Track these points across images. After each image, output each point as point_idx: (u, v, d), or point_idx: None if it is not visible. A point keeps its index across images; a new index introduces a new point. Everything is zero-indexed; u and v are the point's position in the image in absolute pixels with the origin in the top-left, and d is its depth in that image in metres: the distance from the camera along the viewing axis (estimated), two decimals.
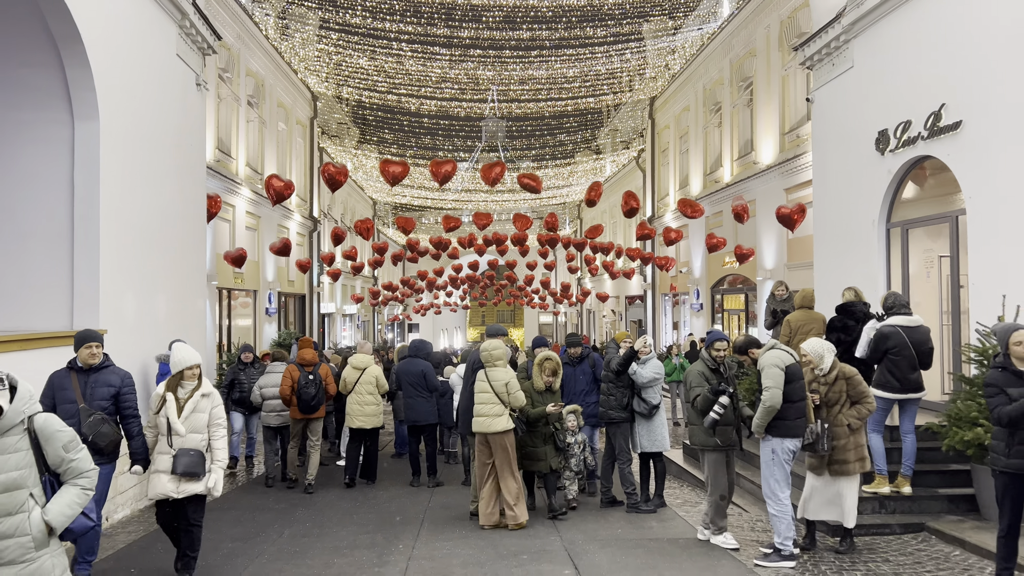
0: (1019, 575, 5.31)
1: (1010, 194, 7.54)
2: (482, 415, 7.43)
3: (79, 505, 3.67)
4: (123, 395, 5.95)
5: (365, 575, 6.12)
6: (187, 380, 5.83)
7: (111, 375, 5.95)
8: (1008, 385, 5.16)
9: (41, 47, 7.36)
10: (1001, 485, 5.25)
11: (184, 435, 5.69)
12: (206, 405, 5.84)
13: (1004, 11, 7.60)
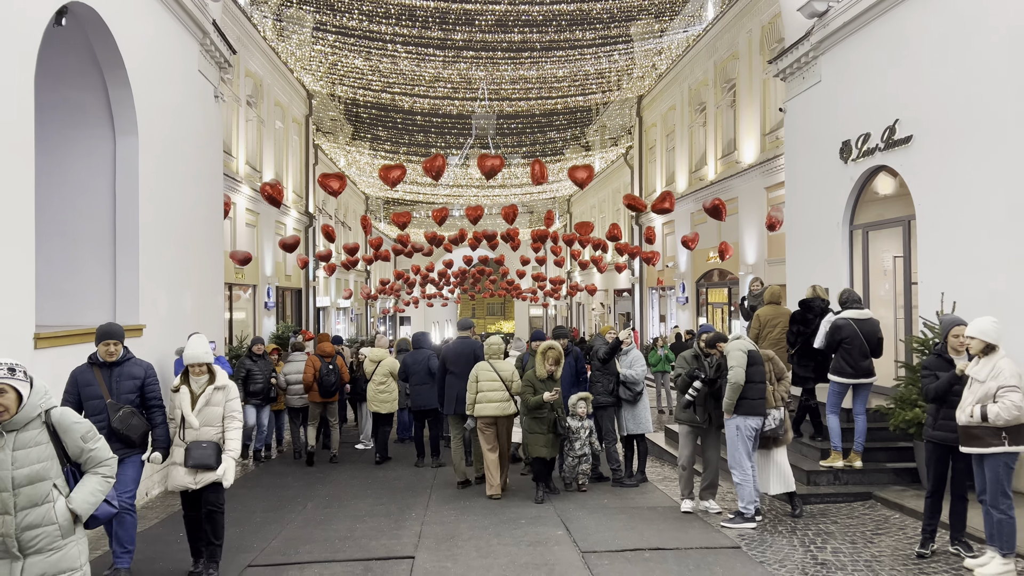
0: (941, 531, 6.38)
1: (951, 202, 8.63)
2: (493, 401, 8.52)
3: (102, 492, 3.87)
4: (148, 386, 6.03)
5: (386, 536, 7.15)
6: (195, 376, 5.92)
7: (135, 367, 6.03)
8: (940, 369, 6.22)
9: (88, 71, 8.30)
10: (928, 452, 6.33)
11: (198, 428, 5.81)
12: (220, 398, 5.91)
13: (947, 40, 8.65)
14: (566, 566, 6.14)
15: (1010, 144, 7.76)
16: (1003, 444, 5.54)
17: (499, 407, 8.59)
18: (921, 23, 9.12)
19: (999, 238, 7.95)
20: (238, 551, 6.79)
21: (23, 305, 6.54)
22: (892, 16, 9.63)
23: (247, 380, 10.91)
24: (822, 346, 8.49)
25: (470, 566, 6.24)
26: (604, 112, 30.47)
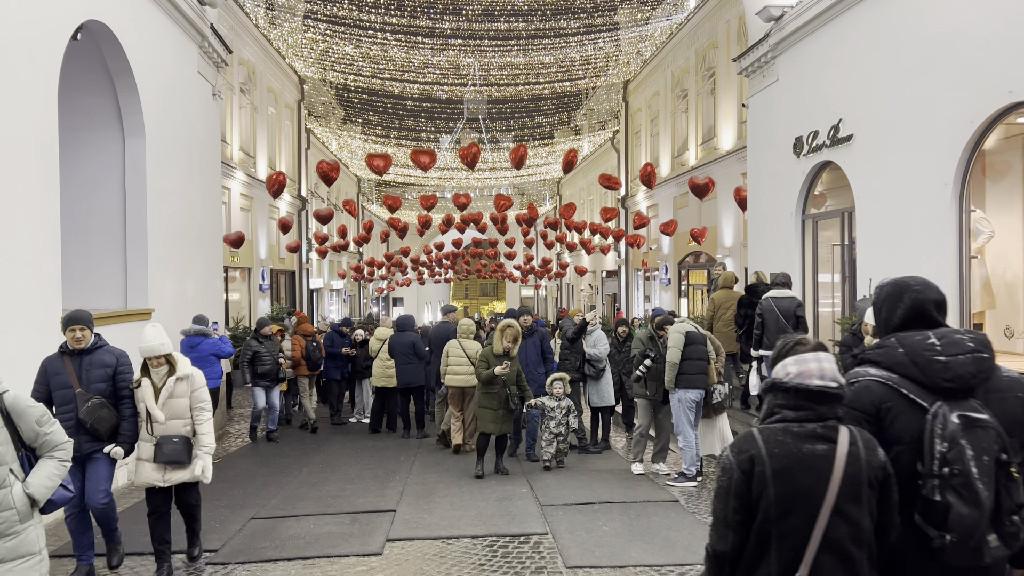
0: None
1: (884, 197, 9.66)
2: (459, 374, 9.64)
3: (58, 477, 3.87)
4: (119, 375, 5.79)
5: (372, 495, 8.24)
6: (154, 368, 5.73)
7: (106, 355, 5.79)
8: (853, 346, 7.27)
9: (100, 79, 9.26)
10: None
11: (164, 422, 5.66)
12: (184, 389, 5.73)
13: (880, 46, 9.64)
14: (525, 516, 7.23)
15: (930, 143, 8.78)
16: None
17: (464, 379, 9.82)
18: (860, 29, 10.10)
19: (922, 230, 8.99)
20: (242, 507, 7.87)
21: (51, 292, 7.55)
22: (837, 22, 10.60)
23: (254, 361, 11.29)
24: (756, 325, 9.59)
25: (443, 516, 7.33)
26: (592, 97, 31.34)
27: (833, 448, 2.53)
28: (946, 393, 2.62)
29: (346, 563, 6.20)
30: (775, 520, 2.53)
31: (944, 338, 2.68)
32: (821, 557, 2.48)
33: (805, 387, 2.58)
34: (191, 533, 6.26)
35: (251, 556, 6.40)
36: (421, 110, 29.99)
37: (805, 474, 2.52)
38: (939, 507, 2.51)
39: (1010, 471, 2.55)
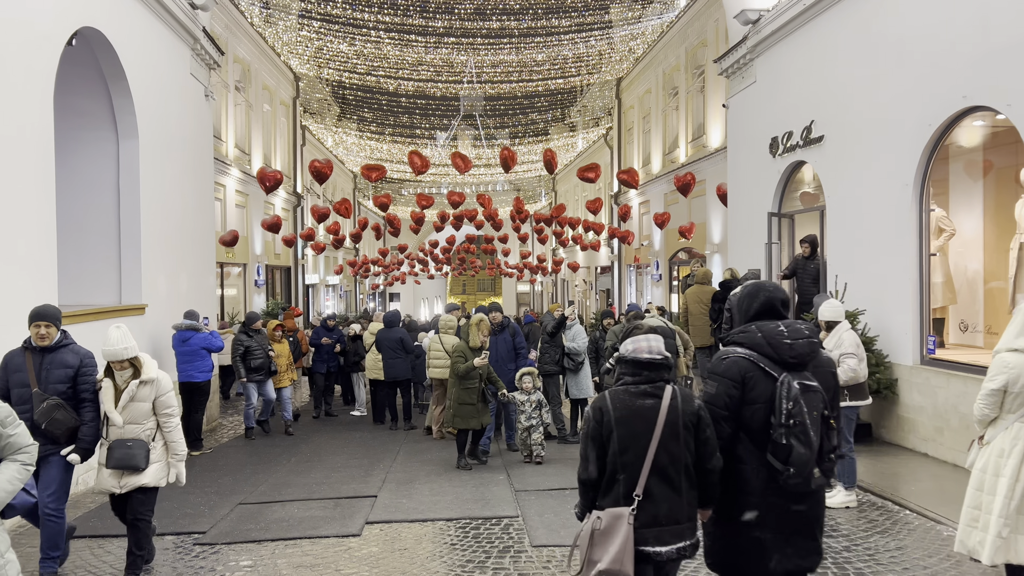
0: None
1: (851, 195, 10.06)
2: (438, 367, 10.11)
3: (20, 481, 3.73)
4: (81, 376, 5.58)
5: (356, 482, 8.65)
6: (118, 371, 5.54)
7: (68, 355, 5.58)
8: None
9: (94, 82, 9.64)
10: None
11: (122, 426, 5.45)
12: (147, 393, 5.51)
13: (848, 51, 10.02)
14: (499, 500, 7.65)
15: (892, 145, 9.16)
16: (845, 399, 7.02)
17: (442, 372, 10.34)
18: (830, 35, 10.49)
19: (885, 228, 9.38)
20: (231, 494, 8.28)
21: (47, 287, 7.93)
22: (809, 27, 10.99)
23: (246, 356, 11.33)
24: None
25: (421, 501, 7.75)
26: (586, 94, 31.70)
27: (658, 402, 3.60)
28: (790, 366, 3.59)
29: (327, 543, 6.61)
30: (619, 454, 3.60)
31: (789, 327, 3.66)
32: (651, 479, 3.56)
33: (638, 359, 3.67)
34: (132, 558, 5.66)
35: (237, 537, 6.81)
36: (416, 107, 30.37)
37: (638, 421, 3.60)
38: (785, 448, 3.47)
39: (829, 422, 3.61)
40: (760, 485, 3.59)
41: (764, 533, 3.60)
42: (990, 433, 4.63)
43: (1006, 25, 7.41)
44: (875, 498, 7.45)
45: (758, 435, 3.57)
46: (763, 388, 3.56)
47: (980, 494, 4.59)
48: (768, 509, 3.60)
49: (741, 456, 3.64)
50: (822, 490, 3.70)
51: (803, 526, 3.64)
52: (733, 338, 3.76)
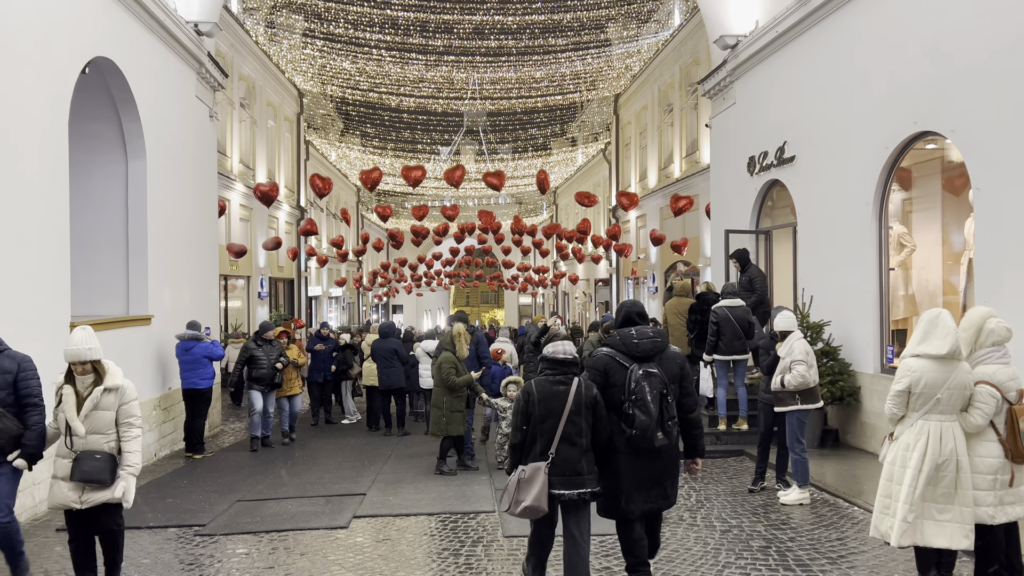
0: (770, 472, 8.47)
1: (819, 213, 10.69)
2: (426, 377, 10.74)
3: None
4: (21, 380, 5.41)
5: (347, 482, 9.29)
6: (78, 375, 5.32)
7: (5, 360, 5.43)
8: (770, 348, 8.27)
9: (105, 107, 10.37)
10: (759, 411, 8.41)
11: (84, 436, 5.22)
12: (110, 402, 5.32)
13: (819, 79, 10.67)
14: (478, 498, 8.28)
15: (853, 165, 9.79)
16: (797, 403, 7.62)
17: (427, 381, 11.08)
18: (799, 61, 11.15)
19: (848, 244, 10.00)
20: (229, 492, 8.92)
21: (61, 298, 8.62)
22: (782, 53, 11.65)
23: (250, 364, 11.44)
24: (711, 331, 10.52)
25: (407, 499, 8.38)
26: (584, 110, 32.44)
27: (568, 388, 5.08)
28: (638, 359, 5.07)
29: (316, 534, 7.24)
30: (539, 424, 5.06)
31: (639, 331, 5.16)
32: (561, 444, 5.01)
33: (555, 357, 5.22)
34: (111, 565, 5.57)
35: (234, 529, 7.44)
36: (417, 122, 31.15)
37: (554, 400, 5.06)
38: (630, 417, 4.93)
39: (667, 399, 4.99)
40: (623, 446, 5.06)
41: (626, 483, 5.06)
42: (898, 430, 5.23)
43: (950, 56, 8.05)
44: (828, 496, 8.04)
45: (618, 410, 5.05)
46: (619, 375, 5.07)
47: (890, 484, 5.19)
48: (627, 463, 5.06)
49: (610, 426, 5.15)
50: (670, 449, 5.10)
51: (656, 478, 5.10)
52: (605, 342, 5.44)
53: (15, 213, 7.63)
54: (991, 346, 5.24)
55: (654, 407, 4.89)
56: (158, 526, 7.59)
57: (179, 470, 10.36)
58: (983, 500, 5.06)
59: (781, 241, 12.64)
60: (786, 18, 11.14)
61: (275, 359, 11.61)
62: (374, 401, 13.46)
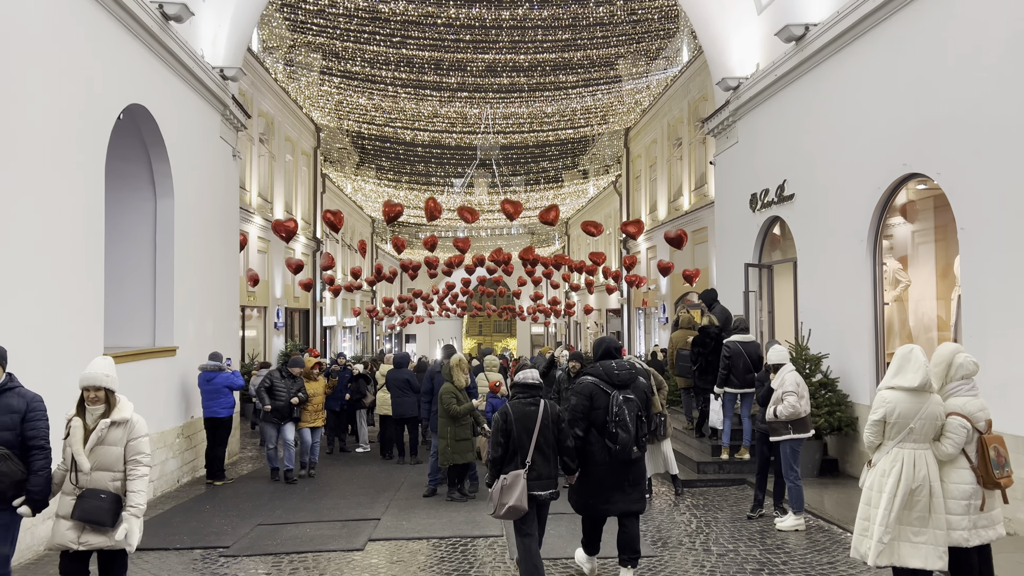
0: (768, 500, 8.85)
1: (817, 249, 11.15)
2: None
3: None
4: (29, 421, 5.11)
5: (362, 507, 9.74)
6: (89, 404, 5.09)
7: (14, 398, 5.13)
8: (764, 380, 8.69)
9: (136, 149, 11.01)
10: (757, 441, 8.82)
11: (88, 472, 4.98)
12: (118, 436, 5.06)
13: (816, 120, 11.19)
14: (487, 523, 8.69)
15: (849, 204, 10.27)
16: (789, 433, 8.04)
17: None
18: (799, 103, 11.68)
19: (842, 279, 10.45)
20: (250, 516, 9.39)
21: (95, 330, 9.19)
22: (781, 95, 12.19)
23: (269, 392, 11.49)
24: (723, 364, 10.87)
25: (419, 523, 8.82)
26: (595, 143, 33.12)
27: (538, 408, 6.21)
28: (618, 387, 6.27)
29: (333, 556, 7.69)
30: (516, 439, 6.13)
31: (619, 363, 6.41)
32: (535, 454, 6.10)
33: (524, 382, 6.34)
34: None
35: (256, 551, 7.90)
36: (431, 156, 31.93)
37: (527, 419, 6.17)
38: (614, 434, 6.08)
39: (641, 419, 6.26)
40: (603, 457, 6.24)
41: (605, 486, 6.23)
42: (875, 457, 5.65)
43: (935, 102, 8.55)
44: (823, 523, 8.41)
45: (600, 427, 6.23)
46: (602, 400, 6.26)
47: (868, 507, 5.59)
48: (607, 472, 6.23)
49: (591, 440, 6.29)
50: (642, 459, 6.44)
51: (630, 483, 6.30)
52: (587, 371, 6.58)
53: (56, 249, 8.21)
54: (960, 379, 5.65)
55: (632, 427, 6.15)
56: (184, 548, 8.06)
57: (201, 495, 10.84)
58: (958, 524, 5.45)
59: (784, 275, 13.07)
60: (784, 63, 11.69)
61: (294, 393, 11.58)
62: (387, 430, 13.92)
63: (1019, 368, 7.43)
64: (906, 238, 10.82)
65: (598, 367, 6.37)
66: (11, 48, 7.37)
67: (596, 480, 6.23)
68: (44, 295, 7.99)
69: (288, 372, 11.81)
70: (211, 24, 12.76)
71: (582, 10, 20.18)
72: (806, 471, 10.08)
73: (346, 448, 14.93)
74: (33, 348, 7.60)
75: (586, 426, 6.25)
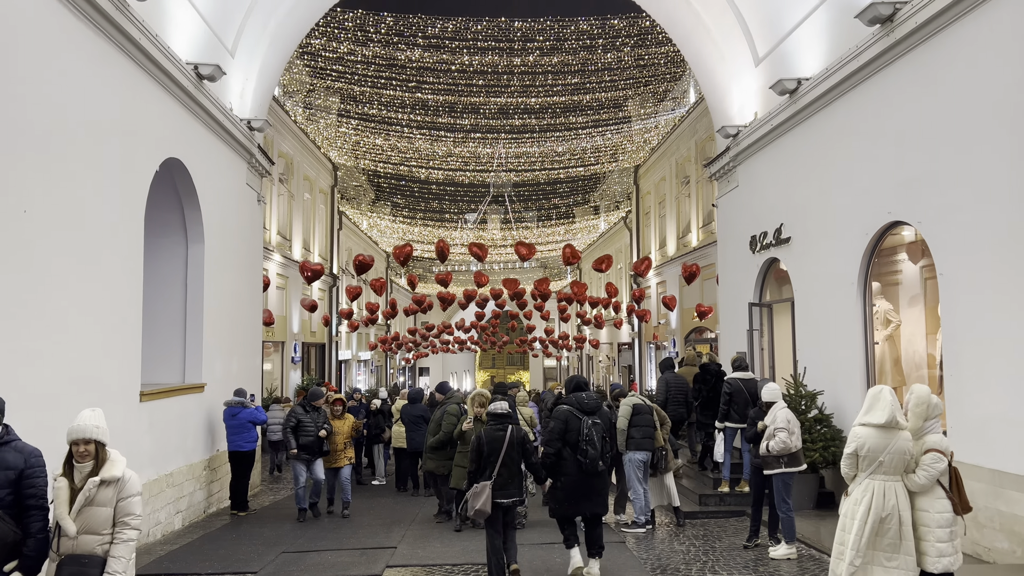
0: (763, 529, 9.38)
1: (812, 290, 11.77)
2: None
3: None
4: (27, 479, 4.77)
5: (379, 536, 10.35)
6: (78, 460, 4.71)
7: (10, 453, 4.79)
8: (758, 417, 9.26)
9: (170, 197, 11.83)
10: (752, 474, 9.37)
11: (74, 536, 4.59)
12: (107, 496, 4.67)
13: (809, 168, 11.88)
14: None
15: (841, 248, 10.91)
16: (781, 467, 8.61)
17: None
18: (793, 151, 12.38)
19: (835, 320, 11.05)
20: (274, 544, 10.01)
21: (133, 369, 9.91)
22: (778, 143, 12.90)
23: (296, 430, 11.43)
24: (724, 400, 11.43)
25: (434, 551, 9.41)
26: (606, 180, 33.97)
27: (505, 433, 7.62)
28: (587, 412, 7.89)
29: None
30: (487, 458, 7.56)
31: (588, 394, 8.15)
32: (500, 469, 7.51)
33: (495, 412, 7.82)
34: None
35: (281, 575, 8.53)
36: (445, 193, 32.90)
37: (496, 442, 7.59)
38: (584, 451, 7.67)
39: (605, 440, 7.92)
40: (574, 469, 7.73)
41: (575, 494, 7.76)
42: (851, 487, 6.23)
43: (915, 159, 9.22)
44: (815, 552, 8.93)
45: (573, 446, 7.73)
46: (574, 424, 7.81)
47: (843, 533, 6.17)
48: (577, 482, 7.73)
49: (565, 457, 7.77)
50: (605, 472, 7.98)
51: (595, 491, 7.82)
52: (562, 400, 8.47)
53: (98, 293, 8.97)
54: (934, 418, 6.26)
55: (599, 445, 7.74)
56: (215, 573, 8.69)
57: (227, 525, 11.47)
58: (946, 551, 5.98)
59: (783, 314, 13.67)
60: (779, 113, 12.42)
61: (320, 425, 11.58)
62: (403, 462, 14.52)
63: (994, 407, 7.99)
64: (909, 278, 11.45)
65: (571, 398, 8.08)
66: (69, 115, 8.19)
67: (568, 489, 7.77)
68: (88, 336, 8.72)
69: (312, 405, 11.80)
70: (239, 78, 13.66)
71: (590, 56, 21.08)
72: (804, 503, 10.61)
73: (362, 481, 15.54)
74: (74, 388, 8.32)
75: (560, 445, 7.77)
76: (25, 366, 7.38)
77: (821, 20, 11.33)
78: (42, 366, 7.70)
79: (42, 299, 7.72)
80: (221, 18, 12.44)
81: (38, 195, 7.64)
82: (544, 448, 8.15)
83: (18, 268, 7.31)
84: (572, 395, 8.12)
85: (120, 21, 8.95)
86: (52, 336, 7.92)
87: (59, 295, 8.07)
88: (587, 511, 7.88)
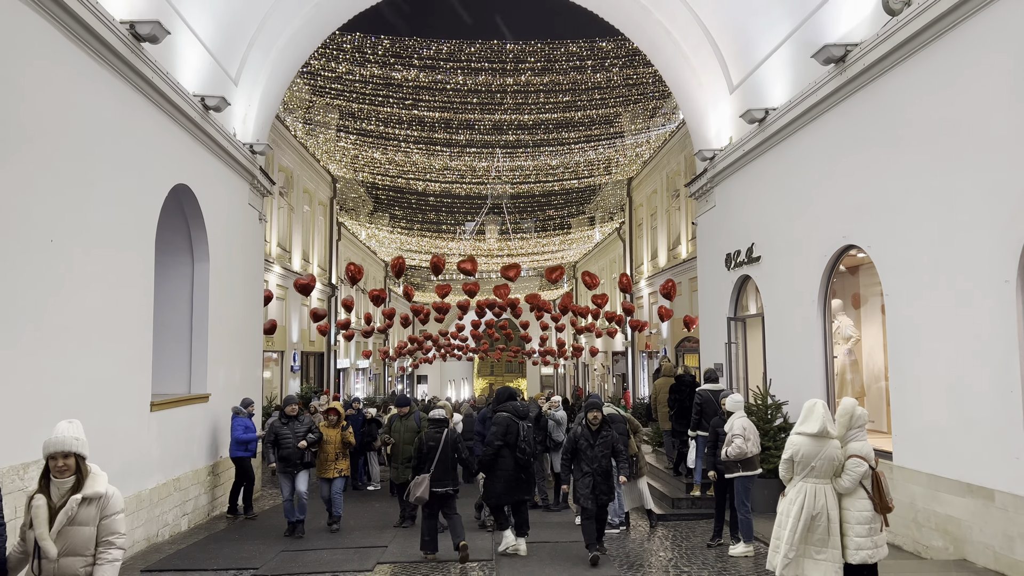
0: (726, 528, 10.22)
1: (780, 306, 12.64)
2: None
3: None
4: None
5: (372, 537, 11.21)
6: (56, 475, 4.46)
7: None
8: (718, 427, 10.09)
9: (177, 218, 12.71)
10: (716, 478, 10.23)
11: (55, 559, 4.35)
12: (90, 515, 4.46)
13: (776, 192, 12.76)
14: (481, 550, 10.13)
15: (803, 268, 11.78)
16: (739, 471, 9.46)
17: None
18: (763, 175, 13.27)
19: (799, 335, 11.91)
20: (275, 544, 10.87)
21: (144, 380, 10.78)
22: (749, 168, 13.79)
23: (276, 445, 11.16)
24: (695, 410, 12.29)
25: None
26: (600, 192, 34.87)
27: (442, 434, 9.80)
28: (522, 418, 10.01)
29: (346, 575, 9.15)
30: (426, 455, 9.73)
31: (521, 403, 10.36)
32: (437, 464, 9.63)
33: (433, 417, 10.01)
34: None
35: (282, 571, 9.39)
36: (442, 204, 33.81)
37: (433, 441, 9.76)
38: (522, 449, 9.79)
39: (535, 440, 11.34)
40: (509, 464, 9.63)
41: (508, 485, 9.64)
42: (787, 489, 7.09)
43: (865, 188, 10.10)
44: None
45: (512, 445, 9.59)
46: (512, 428, 9.66)
47: (779, 529, 7.02)
48: (508, 475, 9.62)
49: (503, 455, 9.60)
50: (531, 465, 10.00)
51: (523, 481, 9.73)
52: (501, 408, 9.99)
53: (115, 311, 9.85)
54: (858, 428, 7.11)
55: (530, 445, 9.78)
56: (220, 568, 9.55)
57: (230, 527, 12.33)
58: (864, 545, 6.85)
59: (755, 328, 14.54)
60: (750, 139, 13.31)
61: (301, 436, 11.14)
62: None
63: (930, 416, 8.85)
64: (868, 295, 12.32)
65: (507, 405, 10.01)
66: (87, 148, 9.08)
67: (502, 480, 9.65)
68: (105, 351, 9.60)
69: (286, 415, 11.38)
70: (242, 105, 14.57)
71: (580, 76, 22.00)
72: (768, 506, 11.42)
73: (357, 486, 16.36)
74: (92, 399, 9.20)
75: (500, 444, 9.63)
76: (52, 380, 8.25)
77: (786, 55, 12.23)
78: (67, 380, 8.57)
79: (69, 319, 8.61)
80: (225, 50, 13.35)
81: (66, 226, 8.54)
82: (484, 448, 10.00)
83: (48, 292, 8.19)
84: (508, 403, 10.00)
85: (136, 64, 9.87)
86: (76, 352, 8.80)
87: (82, 315, 8.95)
88: (515, 497, 9.72)
